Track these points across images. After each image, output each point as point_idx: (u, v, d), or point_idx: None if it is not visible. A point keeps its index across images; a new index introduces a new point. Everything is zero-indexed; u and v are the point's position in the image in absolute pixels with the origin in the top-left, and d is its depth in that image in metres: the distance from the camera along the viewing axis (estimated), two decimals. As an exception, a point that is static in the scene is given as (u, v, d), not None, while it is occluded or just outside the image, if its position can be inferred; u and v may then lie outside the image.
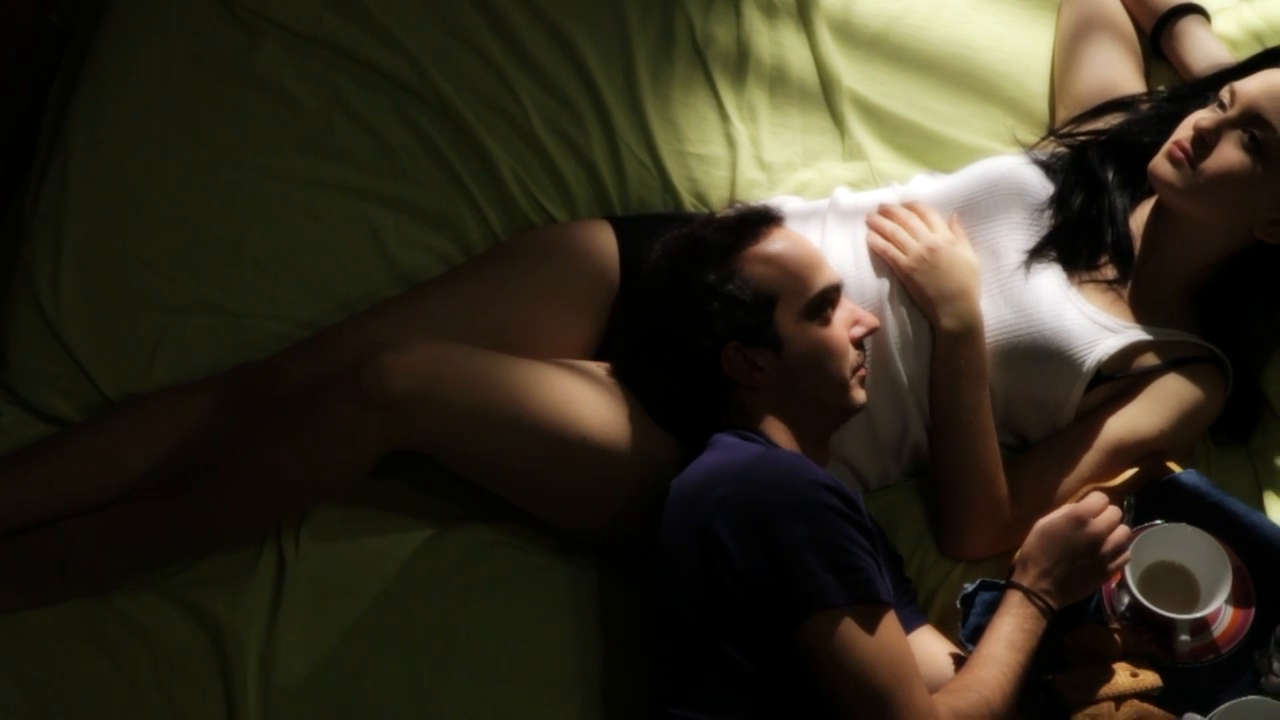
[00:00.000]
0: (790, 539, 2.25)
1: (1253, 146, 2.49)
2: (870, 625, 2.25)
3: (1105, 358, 2.54)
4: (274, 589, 2.51)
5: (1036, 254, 2.62)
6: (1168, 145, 2.55)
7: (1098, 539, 2.40)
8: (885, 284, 2.62)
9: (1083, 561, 2.40)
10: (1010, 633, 2.36)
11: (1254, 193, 2.50)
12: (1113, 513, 2.43)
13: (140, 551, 2.50)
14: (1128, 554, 2.43)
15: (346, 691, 2.46)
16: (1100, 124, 2.73)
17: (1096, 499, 2.44)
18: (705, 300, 2.45)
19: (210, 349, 2.69)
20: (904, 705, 2.24)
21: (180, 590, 2.51)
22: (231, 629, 2.47)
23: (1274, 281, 2.59)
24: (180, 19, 2.92)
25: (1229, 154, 2.50)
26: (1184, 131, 2.54)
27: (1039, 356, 2.57)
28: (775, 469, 2.32)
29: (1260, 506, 2.60)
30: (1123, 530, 2.43)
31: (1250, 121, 2.49)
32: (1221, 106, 2.53)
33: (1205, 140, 2.51)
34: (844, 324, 2.49)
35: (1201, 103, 2.58)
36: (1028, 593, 2.39)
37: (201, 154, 2.83)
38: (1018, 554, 2.44)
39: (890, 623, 2.28)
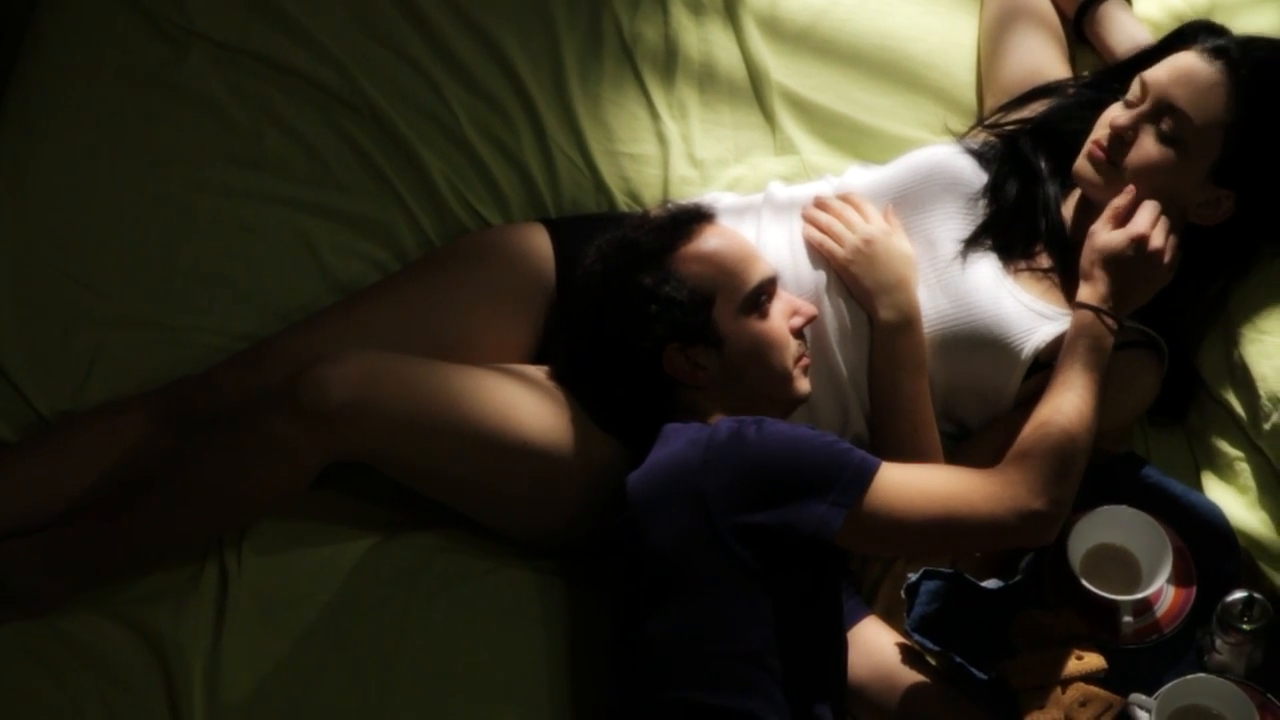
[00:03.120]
0: (788, 469, 2.30)
1: (1169, 137, 2.51)
2: (889, 488, 2.32)
3: (1043, 345, 2.55)
4: (217, 603, 2.49)
5: (972, 243, 2.62)
6: (1088, 146, 2.57)
7: (1159, 252, 2.47)
8: (822, 276, 2.62)
9: (1144, 271, 2.48)
10: (1084, 354, 2.44)
11: (1179, 180, 2.52)
12: (1163, 221, 2.49)
13: (81, 570, 2.48)
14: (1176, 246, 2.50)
15: (293, 703, 2.45)
16: (1026, 112, 2.74)
17: (1148, 214, 2.49)
18: (643, 303, 2.45)
19: (145, 364, 2.68)
20: (969, 513, 2.33)
21: (122, 608, 2.49)
22: (175, 645, 2.45)
23: (1205, 262, 2.60)
24: (105, 34, 2.91)
25: (1148, 148, 2.51)
26: (1101, 131, 2.56)
27: (977, 345, 2.57)
28: (730, 430, 2.34)
29: (1198, 486, 2.62)
30: (1175, 235, 2.50)
31: (1163, 112, 2.51)
32: (1134, 100, 2.54)
33: (1123, 138, 2.53)
34: (782, 315, 2.50)
35: (1122, 88, 2.58)
36: (1098, 311, 2.46)
37: (131, 168, 2.81)
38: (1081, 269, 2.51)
39: (895, 471, 2.34)
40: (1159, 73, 2.54)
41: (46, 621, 2.47)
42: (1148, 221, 2.48)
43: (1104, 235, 2.49)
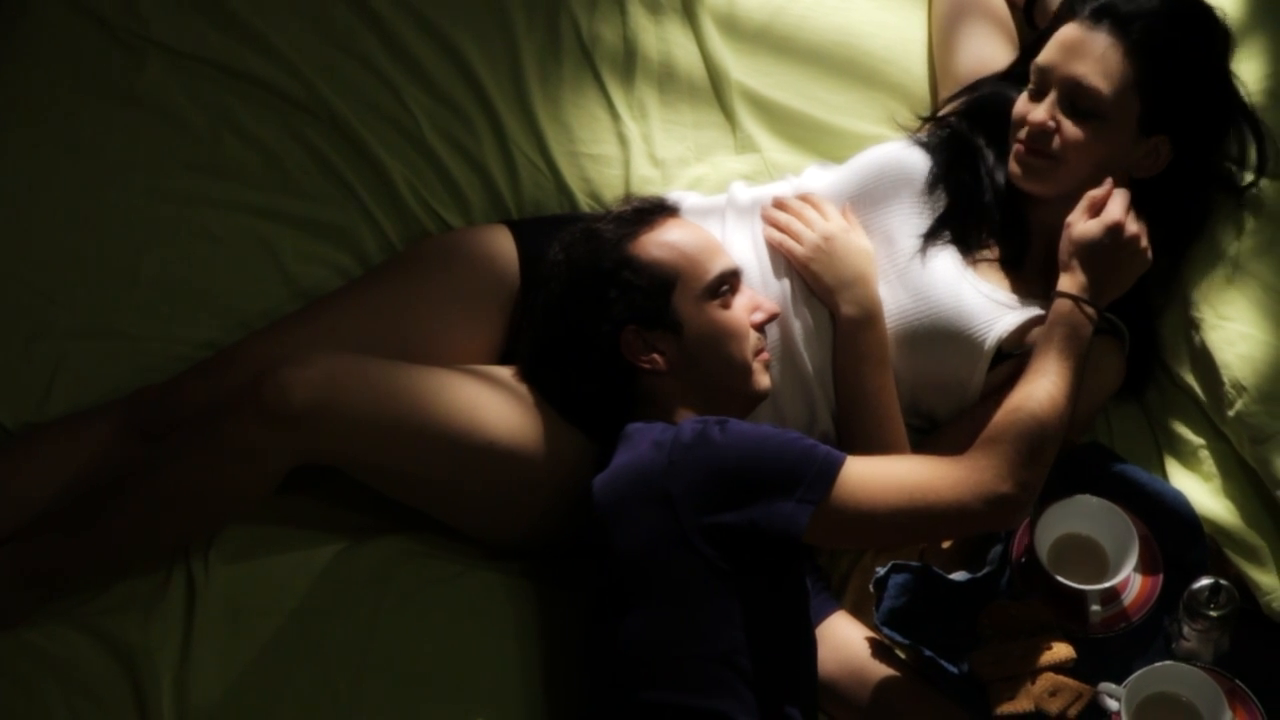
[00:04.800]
0: (753, 468, 2.30)
1: (1086, 112, 2.53)
2: (855, 482, 2.32)
3: (1005, 335, 2.56)
4: (185, 611, 2.48)
5: (931, 237, 2.63)
6: (1015, 148, 2.59)
7: (1136, 237, 2.49)
8: (786, 277, 2.62)
9: (1124, 258, 2.49)
10: (1060, 341, 2.44)
11: (1112, 147, 2.55)
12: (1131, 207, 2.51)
13: (48, 582, 2.47)
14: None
15: (263, 711, 2.44)
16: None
17: (1121, 202, 2.50)
18: (603, 287, 2.46)
19: (109, 374, 2.66)
20: (936, 500, 2.32)
21: (90, 619, 2.48)
22: (144, 654, 2.44)
23: (1161, 215, 2.59)
24: (62, 44, 2.89)
25: (1070, 131, 2.54)
26: (1020, 129, 2.58)
27: (940, 338, 2.58)
28: (694, 431, 2.34)
29: (1163, 474, 2.63)
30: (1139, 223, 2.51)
31: (1070, 91, 2.54)
32: (1037, 89, 2.57)
33: (1044, 129, 2.55)
34: (744, 309, 2.51)
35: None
36: (1077, 300, 2.46)
37: (90, 178, 2.80)
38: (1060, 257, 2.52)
39: (860, 464, 2.34)
40: (1051, 55, 2.56)
41: (13, 634, 2.46)
42: (1121, 209, 2.49)
43: (1080, 225, 2.50)
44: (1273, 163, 2.66)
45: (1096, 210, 2.50)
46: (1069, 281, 2.49)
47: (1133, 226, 2.49)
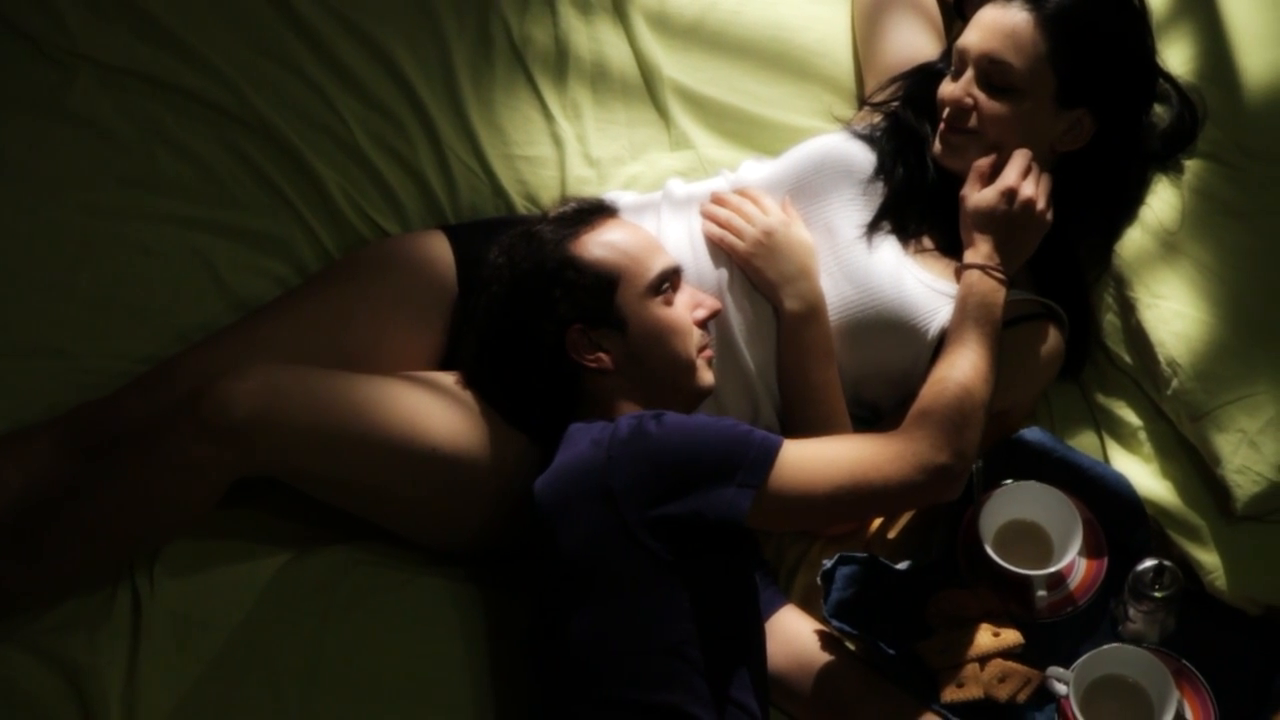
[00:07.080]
0: (692, 457, 2.31)
1: (1002, 88, 2.56)
2: (794, 464, 2.33)
3: (948, 324, 2.56)
4: (131, 628, 2.47)
5: (872, 228, 2.64)
6: (940, 130, 2.61)
7: (1031, 201, 2.52)
8: (724, 272, 2.63)
9: (1022, 222, 2.52)
10: (974, 310, 2.48)
11: (1031, 122, 2.57)
12: (1033, 168, 2.54)
13: (-10, 603, 2.46)
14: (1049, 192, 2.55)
15: (213, 724, 2.43)
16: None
17: (1016, 166, 2.53)
18: (547, 288, 2.46)
19: (47, 392, 2.65)
20: (876, 475, 2.34)
21: (35, 638, 2.46)
22: (91, 672, 2.43)
23: (1090, 188, 2.63)
24: (-12, 61, 2.89)
25: (989, 107, 2.57)
26: (943, 111, 2.60)
27: (883, 329, 2.59)
28: (630, 426, 2.35)
29: (1102, 453, 2.65)
30: (1047, 179, 2.55)
31: (988, 70, 2.56)
32: (957, 71, 2.60)
33: (962, 107, 2.57)
34: (686, 306, 2.51)
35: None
36: (984, 268, 2.50)
37: (22, 196, 2.79)
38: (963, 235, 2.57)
39: (798, 447, 2.35)
40: (968, 37, 2.60)
41: (-43, 657, 2.45)
42: (1016, 173, 2.53)
43: (974, 196, 2.54)
44: (1204, 140, 2.68)
45: (988, 179, 2.54)
46: (973, 253, 2.53)
47: (1028, 190, 2.52)
